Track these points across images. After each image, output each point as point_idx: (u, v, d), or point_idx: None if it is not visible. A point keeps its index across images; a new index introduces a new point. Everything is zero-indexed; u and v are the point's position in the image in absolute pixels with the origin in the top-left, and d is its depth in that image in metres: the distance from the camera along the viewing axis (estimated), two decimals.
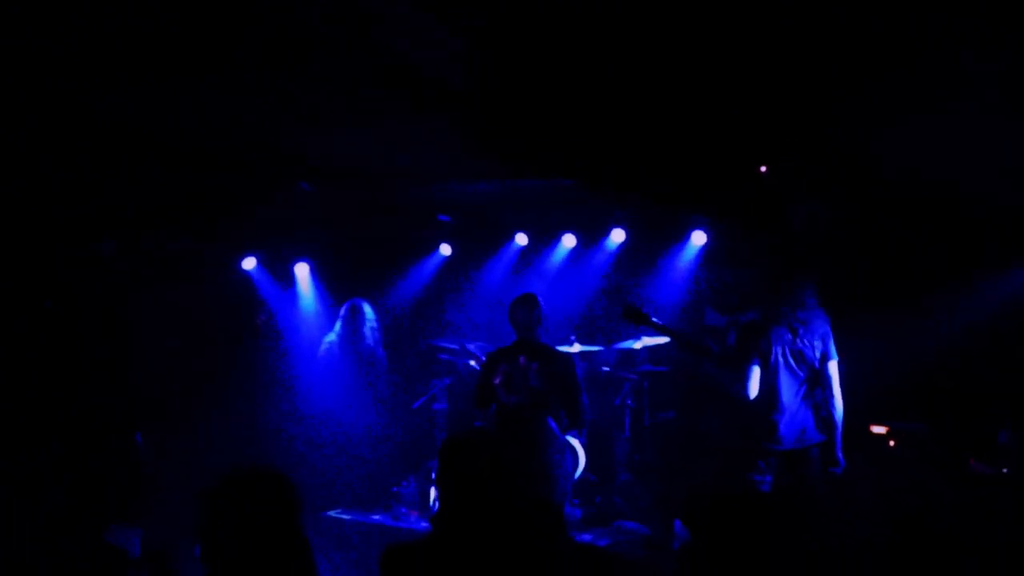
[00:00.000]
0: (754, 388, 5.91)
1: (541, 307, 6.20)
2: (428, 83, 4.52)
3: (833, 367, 5.95)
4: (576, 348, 7.38)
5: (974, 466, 5.86)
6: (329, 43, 4.08)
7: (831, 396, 5.92)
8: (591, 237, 8.20)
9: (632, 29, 3.79)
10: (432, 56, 4.15)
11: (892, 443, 6.29)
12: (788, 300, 6.03)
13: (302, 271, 8.83)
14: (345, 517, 7.31)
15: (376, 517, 7.31)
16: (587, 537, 6.66)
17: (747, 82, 4.16)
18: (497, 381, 6.13)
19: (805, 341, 5.97)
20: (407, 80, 4.49)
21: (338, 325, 8.02)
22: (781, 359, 5.94)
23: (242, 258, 8.55)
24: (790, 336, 5.97)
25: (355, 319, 7.96)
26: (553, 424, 6.09)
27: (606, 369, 7.71)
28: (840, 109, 4.74)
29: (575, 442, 7.05)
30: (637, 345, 7.52)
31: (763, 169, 4.70)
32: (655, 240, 7.88)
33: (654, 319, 6.08)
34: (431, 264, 8.86)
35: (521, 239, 8.45)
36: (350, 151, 6.54)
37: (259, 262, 8.67)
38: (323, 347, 8.15)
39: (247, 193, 7.49)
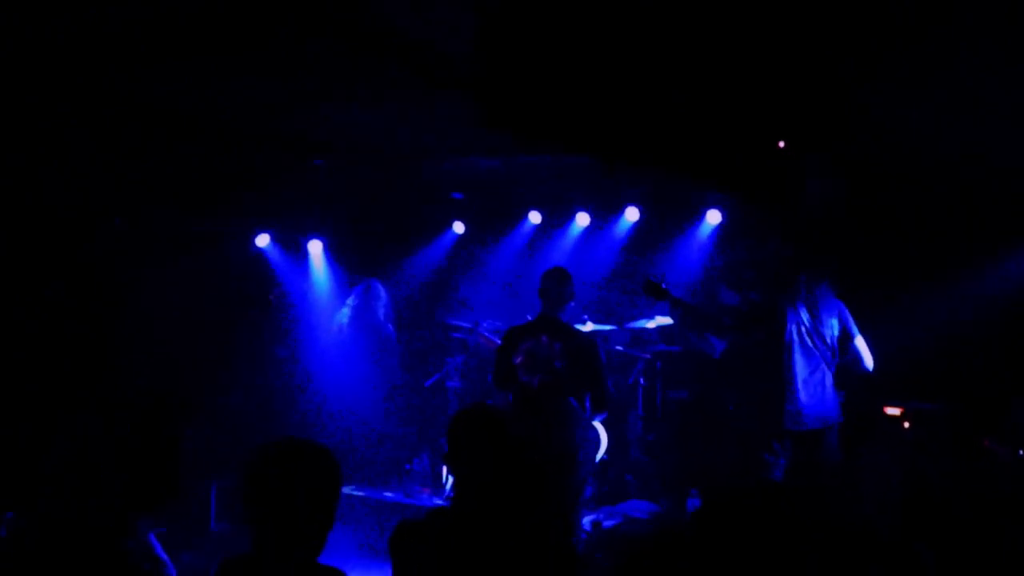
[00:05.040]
0: (720, 349, 6.06)
1: (573, 284, 6.03)
2: (438, 56, 4.49)
3: (860, 343, 5.96)
4: (589, 327, 7.34)
5: (989, 446, 5.82)
6: (337, 18, 4.05)
7: (861, 365, 5.94)
8: (605, 215, 8.15)
9: (654, 13, 3.75)
10: (441, 28, 4.11)
11: (907, 424, 6.25)
12: (803, 279, 6.02)
13: (315, 248, 8.85)
14: (358, 493, 7.33)
15: (389, 494, 7.33)
16: (598, 516, 6.67)
17: (765, 54, 4.11)
18: (518, 360, 5.87)
19: (822, 320, 5.96)
20: (417, 54, 4.46)
21: (351, 301, 8.06)
22: (796, 337, 5.92)
23: (255, 235, 8.57)
24: (806, 314, 5.96)
25: (368, 297, 8.00)
26: (575, 405, 6.00)
27: (619, 348, 7.69)
28: (859, 83, 4.68)
29: (598, 424, 7.03)
30: (650, 324, 7.50)
31: (781, 144, 4.66)
32: (670, 218, 7.83)
33: (673, 294, 6.12)
34: (444, 242, 8.85)
35: (535, 217, 8.42)
36: (362, 127, 6.51)
37: (272, 239, 8.69)
38: (335, 324, 8.18)
39: (260, 170, 7.49)
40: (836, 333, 5.98)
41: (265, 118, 6.27)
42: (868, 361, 5.97)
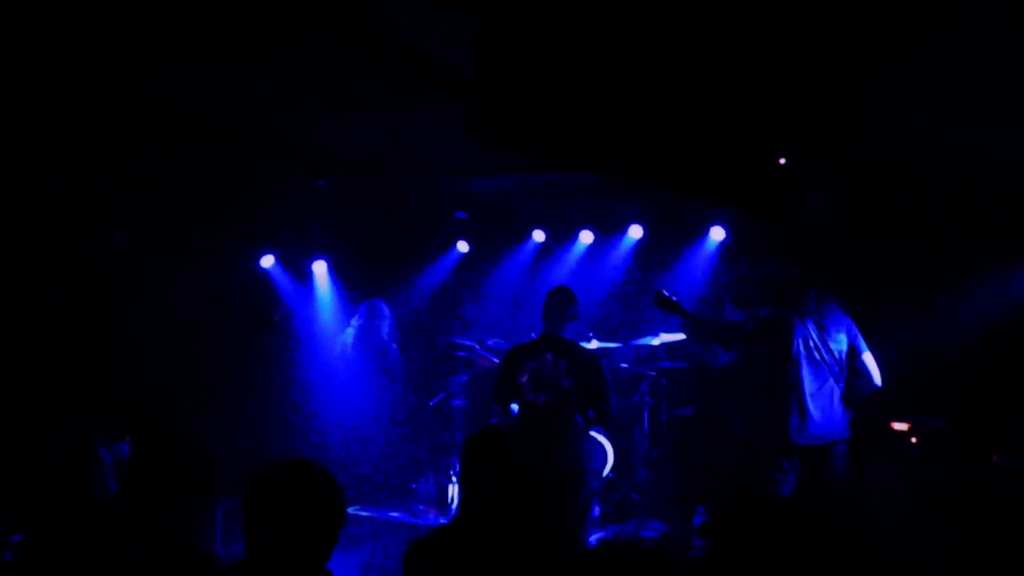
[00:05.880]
0: (723, 359, 6.15)
1: (577, 303, 6.01)
2: (443, 75, 4.51)
3: (868, 359, 5.93)
4: (594, 345, 7.34)
5: (997, 461, 5.79)
6: (342, 33, 4.07)
7: (871, 382, 5.92)
8: (609, 233, 8.16)
9: (651, 20, 3.76)
10: (446, 47, 4.13)
11: (914, 439, 6.22)
12: (811, 294, 6.01)
13: (320, 268, 8.86)
14: (363, 514, 7.31)
15: (394, 514, 7.31)
16: (605, 533, 6.63)
17: (765, 57, 4.11)
18: (523, 379, 5.88)
19: (830, 334, 5.94)
20: (422, 73, 4.48)
21: (355, 322, 8.07)
22: (803, 351, 5.89)
23: (260, 255, 8.59)
24: (814, 329, 5.94)
25: (372, 317, 8.01)
26: (581, 422, 5.95)
27: (624, 366, 7.68)
28: (859, 84, 4.67)
29: (603, 440, 6.99)
30: (655, 342, 7.48)
31: (782, 161, 4.66)
32: (673, 236, 7.83)
33: (684, 307, 6.12)
34: (448, 261, 8.86)
35: (538, 236, 8.43)
36: (366, 147, 6.55)
37: (277, 259, 8.70)
38: (339, 344, 8.19)
39: (265, 190, 7.51)
40: (844, 348, 5.96)
41: (269, 137, 6.29)
42: (876, 377, 5.94)
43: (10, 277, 6.51)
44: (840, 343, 5.96)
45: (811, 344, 5.92)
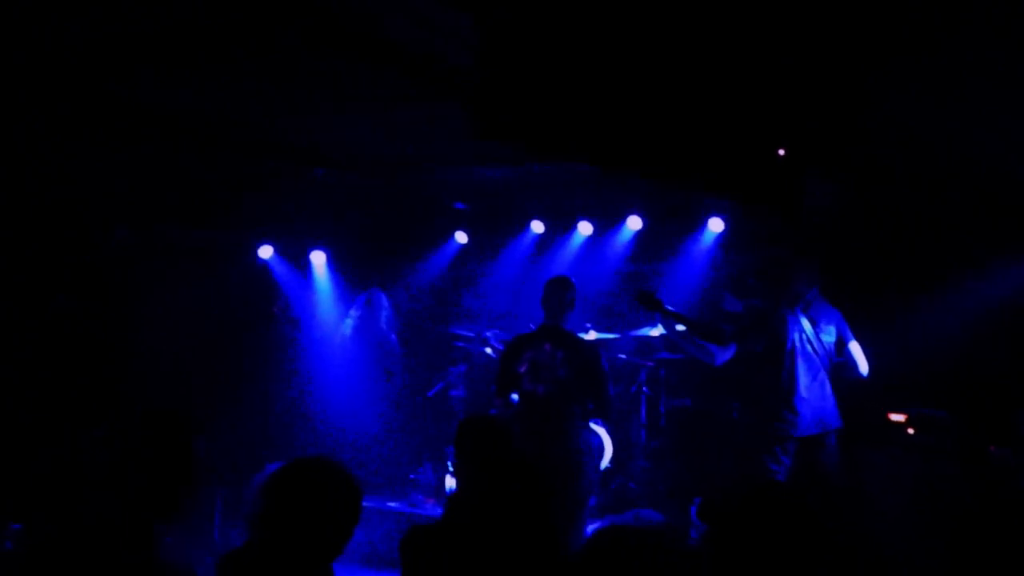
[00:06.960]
0: (721, 359, 6.09)
1: (575, 292, 6.04)
2: (441, 69, 4.50)
3: (855, 348, 5.99)
4: (592, 335, 7.35)
5: (994, 452, 5.81)
6: (339, 28, 4.07)
7: (855, 370, 5.95)
8: (607, 224, 8.15)
9: (650, 11, 3.76)
10: (442, 39, 4.13)
11: (911, 430, 6.25)
12: (802, 286, 6.05)
13: (318, 259, 8.86)
14: (362, 504, 7.31)
15: (393, 504, 7.33)
16: (603, 524, 6.65)
17: (767, 61, 4.12)
18: (522, 369, 5.91)
19: (820, 326, 6.01)
20: (419, 65, 4.47)
21: (354, 312, 8.08)
22: (798, 344, 5.95)
23: (259, 246, 8.59)
24: (807, 321, 5.99)
25: (371, 308, 8.02)
26: (579, 413, 5.96)
27: (622, 356, 7.69)
28: (860, 90, 4.69)
29: (602, 432, 7.01)
30: (654, 332, 7.49)
31: (781, 152, 4.66)
32: (672, 226, 7.83)
33: (667, 306, 6.10)
34: (447, 252, 8.85)
35: (537, 226, 8.43)
36: (364, 137, 6.53)
37: (276, 250, 8.70)
38: (338, 335, 8.20)
39: (263, 181, 7.51)
40: (833, 340, 6.05)
41: (267, 129, 6.29)
42: (863, 366, 5.98)
43: (10, 272, 6.52)
44: (830, 335, 6.05)
45: (804, 337, 5.99)
